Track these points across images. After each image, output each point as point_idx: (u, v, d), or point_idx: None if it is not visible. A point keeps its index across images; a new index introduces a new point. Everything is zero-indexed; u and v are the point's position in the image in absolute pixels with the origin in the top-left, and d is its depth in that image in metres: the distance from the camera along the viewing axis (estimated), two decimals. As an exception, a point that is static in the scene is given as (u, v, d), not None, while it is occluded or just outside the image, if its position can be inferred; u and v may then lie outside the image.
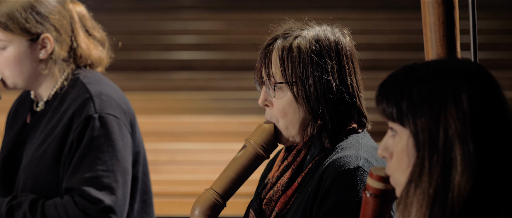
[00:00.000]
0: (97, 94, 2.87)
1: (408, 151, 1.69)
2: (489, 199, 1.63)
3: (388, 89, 1.71)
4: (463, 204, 1.62)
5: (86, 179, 2.78)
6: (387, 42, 5.63)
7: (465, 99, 1.64)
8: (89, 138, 2.81)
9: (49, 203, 2.81)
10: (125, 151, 2.86)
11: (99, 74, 2.99)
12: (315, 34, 2.25)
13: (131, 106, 2.99)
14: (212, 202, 2.24)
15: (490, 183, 1.63)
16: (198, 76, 5.69)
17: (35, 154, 2.88)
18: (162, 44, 5.66)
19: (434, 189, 1.64)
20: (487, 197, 1.63)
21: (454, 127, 1.63)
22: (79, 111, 2.84)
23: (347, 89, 2.24)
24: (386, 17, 5.68)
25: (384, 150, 1.75)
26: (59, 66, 2.92)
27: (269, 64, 2.25)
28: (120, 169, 2.83)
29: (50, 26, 2.88)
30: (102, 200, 2.77)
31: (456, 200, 1.62)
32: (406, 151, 1.69)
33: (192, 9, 5.80)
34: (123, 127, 2.88)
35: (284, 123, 2.26)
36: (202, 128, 5.47)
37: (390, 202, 1.79)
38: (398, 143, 1.71)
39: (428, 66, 1.71)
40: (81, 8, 3.00)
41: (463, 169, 1.62)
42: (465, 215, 1.62)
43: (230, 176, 2.26)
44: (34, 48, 2.88)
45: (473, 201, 1.62)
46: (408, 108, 1.67)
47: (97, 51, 2.99)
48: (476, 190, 1.63)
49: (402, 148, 1.70)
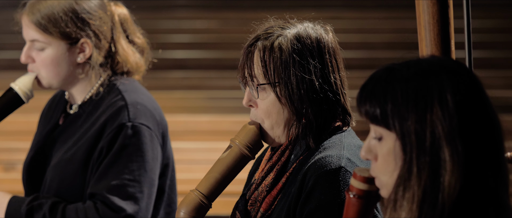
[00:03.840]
0: (132, 102, 2.85)
1: (395, 154, 1.67)
2: (477, 198, 1.63)
3: (371, 91, 1.69)
4: (452, 204, 1.61)
5: (112, 186, 2.76)
6: (381, 41, 5.62)
7: (450, 98, 1.63)
8: (119, 146, 2.79)
9: (70, 207, 2.79)
10: (153, 162, 2.84)
11: (136, 83, 2.97)
12: (296, 33, 2.22)
13: (165, 118, 2.97)
14: (197, 203, 2.23)
15: (478, 182, 1.63)
16: (193, 75, 5.68)
17: (64, 156, 2.86)
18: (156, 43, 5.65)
19: (423, 191, 1.63)
20: (475, 196, 1.63)
21: (441, 128, 1.62)
22: (113, 118, 2.82)
23: (331, 87, 2.21)
24: (381, 16, 5.67)
25: (368, 153, 1.73)
26: (96, 71, 2.90)
27: (251, 65, 2.23)
28: (147, 180, 2.81)
29: (90, 31, 2.85)
30: (125, 209, 2.75)
31: (446, 201, 1.61)
32: (393, 154, 1.68)
33: (186, 8, 5.79)
34: (154, 138, 2.85)
35: (269, 124, 2.24)
36: (197, 127, 5.46)
37: (373, 203, 1.78)
38: (384, 146, 1.69)
39: (409, 65, 1.69)
40: (123, 10, 2.98)
41: (452, 169, 1.61)
42: (454, 215, 1.62)
43: (215, 177, 2.25)
44: (72, 52, 2.86)
45: (462, 201, 1.62)
46: (393, 110, 1.66)
47: (135, 58, 2.97)
48: (465, 190, 1.62)
49: (388, 151, 1.69)
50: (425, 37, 2.13)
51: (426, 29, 2.13)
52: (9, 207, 2.82)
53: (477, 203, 1.63)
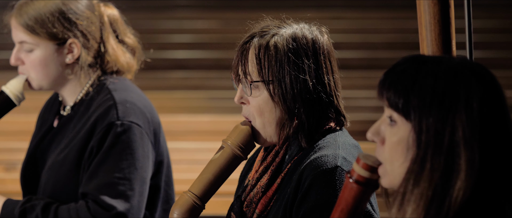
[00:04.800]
0: (121, 101, 2.86)
1: (407, 146, 1.65)
2: (484, 205, 1.61)
3: (398, 78, 1.66)
4: (458, 209, 1.60)
5: (102, 185, 2.77)
6: (382, 41, 5.62)
7: (476, 106, 1.60)
8: (109, 145, 2.79)
9: (62, 207, 2.80)
10: (144, 160, 2.84)
11: (126, 81, 2.98)
12: (292, 33, 2.23)
13: (157, 115, 2.97)
14: (190, 205, 2.23)
15: (487, 190, 1.61)
16: (194, 75, 5.69)
17: (57, 158, 2.87)
18: (157, 43, 5.65)
19: (433, 192, 1.61)
20: (482, 204, 1.61)
21: (461, 132, 1.60)
22: (102, 117, 2.83)
23: (324, 88, 2.21)
24: (382, 16, 5.67)
25: (375, 135, 1.70)
26: (85, 71, 2.90)
27: (245, 62, 2.23)
28: (137, 177, 2.81)
29: (78, 31, 2.86)
30: (115, 207, 2.76)
31: (453, 205, 1.60)
32: (405, 145, 1.65)
33: (187, 8, 5.80)
34: (144, 136, 2.85)
35: (260, 122, 2.24)
36: (198, 127, 5.47)
37: (371, 191, 1.76)
38: (396, 133, 1.67)
39: (440, 61, 1.66)
40: (113, 11, 2.98)
41: (466, 175, 1.59)
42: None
43: (208, 178, 2.25)
44: (60, 53, 2.87)
45: (469, 206, 1.60)
46: (417, 103, 1.63)
47: (125, 58, 2.97)
48: (474, 197, 1.60)
49: (399, 140, 1.66)
50: (426, 37, 2.13)
51: (427, 29, 2.13)
52: (3, 210, 2.84)
53: (483, 210, 1.61)
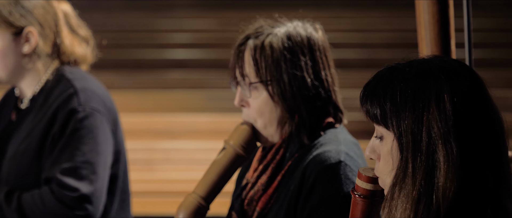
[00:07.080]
0: (82, 89, 2.90)
1: (392, 154, 1.68)
2: (475, 200, 1.62)
3: (373, 90, 1.70)
4: (449, 205, 1.61)
5: (65, 169, 2.80)
6: (381, 41, 5.62)
7: (447, 100, 1.62)
8: (71, 130, 2.83)
9: (26, 194, 2.83)
10: (105, 146, 2.88)
11: (83, 72, 3.03)
12: (287, 31, 2.24)
13: (115, 105, 3.02)
14: (196, 206, 2.25)
15: (475, 183, 1.62)
16: (193, 75, 5.68)
17: (19, 148, 2.91)
18: (156, 43, 5.65)
19: (418, 192, 1.63)
20: (473, 198, 1.62)
21: (436, 129, 1.62)
22: (64, 105, 2.87)
23: (322, 84, 2.23)
24: (381, 15, 5.67)
25: (372, 152, 1.74)
26: (43, 61, 2.94)
27: (242, 64, 2.25)
28: (100, 162, 2.85)
29: (34, 20, 2.90)
30: (79, 189, 2.79)
31: (442, 202, 1.61)
32: (391, 154, 1.68)
33: (186, 7, 5.79)
34: (105, 123, 2.90)
35: (262, 123, 2.25)
36: (197, 127, 5.46)
37: (378, 202, 1.78)
38: (384, 146, 1.70)
39: (411, 65, 1.69)
40: (66, 6, 3.03)
41: (446, 170, 1.61)
42: (451, 216, 1.61)
43: (212, 179, 2.27)
44: (18, 42, 2.90)
45: (459, 202, 1.61)
46: (392, 110, 1.66)
47: (81, 49, 3.02)
48: (462, 191, 1.61)
49: (387, 151, 1.69)
50: (425, 36, 2.13)
51: (426, 29, 2.13)
52: None
53: (475, 204, 1.62)
